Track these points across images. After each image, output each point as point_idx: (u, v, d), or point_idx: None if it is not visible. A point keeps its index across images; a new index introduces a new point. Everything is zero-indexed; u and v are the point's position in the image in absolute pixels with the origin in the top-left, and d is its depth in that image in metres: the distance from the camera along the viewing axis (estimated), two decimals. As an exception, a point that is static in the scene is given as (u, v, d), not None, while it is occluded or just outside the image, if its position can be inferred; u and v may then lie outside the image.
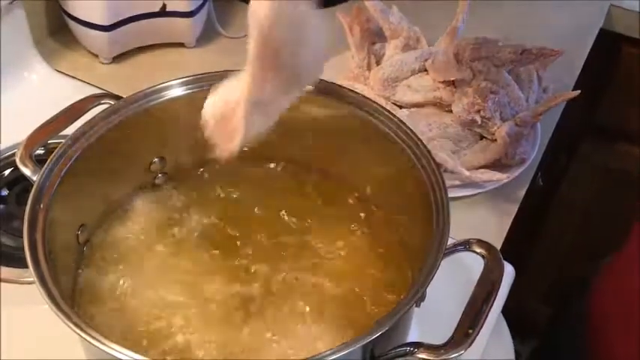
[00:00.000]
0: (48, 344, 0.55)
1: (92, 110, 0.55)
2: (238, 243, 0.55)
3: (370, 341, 0.40)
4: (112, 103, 0.55)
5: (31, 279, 0.44)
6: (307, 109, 0.56)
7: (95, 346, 0.40)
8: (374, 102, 0.55)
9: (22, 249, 0.45)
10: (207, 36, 0.91)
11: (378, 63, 0.78)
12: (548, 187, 0.96)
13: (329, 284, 0.52)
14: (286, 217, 0.57)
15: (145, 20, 0.84)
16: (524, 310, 1.21)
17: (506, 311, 0.77)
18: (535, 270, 1.21)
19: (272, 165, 0.61)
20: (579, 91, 0.74)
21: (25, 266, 0.44)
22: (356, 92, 0.56)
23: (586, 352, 0.76)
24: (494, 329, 0.63)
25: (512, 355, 0.72)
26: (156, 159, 0.58)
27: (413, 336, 0.49)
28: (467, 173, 0.68)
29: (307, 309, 0.50)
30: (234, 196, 0.59)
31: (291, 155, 0.60)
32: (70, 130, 0.53)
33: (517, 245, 0.76)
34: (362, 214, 0.58)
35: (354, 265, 0.54)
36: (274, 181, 0.60)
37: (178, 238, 0.55)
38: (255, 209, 0.58)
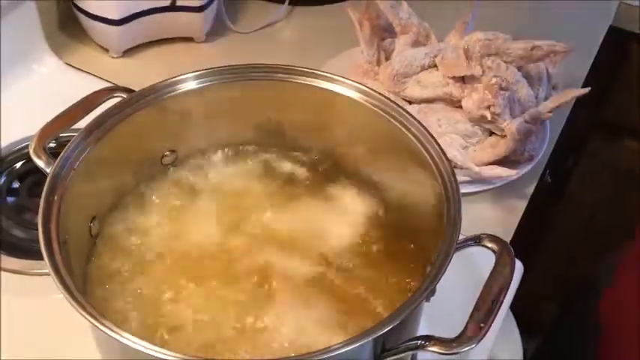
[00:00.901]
0: (58, 335, 0.56)
1: (105, 103, 0.55)
2: (249, 238, 0.55)
3: (381, 335, 0.41)
4: (125, 96, 0.55)
5: (43, 270, 0.44)
6: (323, 100, 0.57)
7: (110, 337, 0.40)
8: (384, 96, 0.55)
9: (34, 241, 0.45)
10: (216, 31, 0.92)
11: (387, 58, 0.78)
12: (556, 184, 0.96)
13: (336, 275, 0.52)
14: (296, 208, 0.57)
15: (155, 15, 0.84)
16: (531, 306, 1.21)
17: (514, 307, 0.77)
18: (543, 267, 1.21)
19: (285, 155, 0.61)
20: (589, 89, 0.74)
21: (36, 258, 0.45)
22: (367, 86, 0.56)
23: (593, 352, 0.76)
24: (502, 325, 0.63)
25: (520, 351, 0.72)
26: (168, 152, 0.59)
27: (421, 330, 0.49)
28: (476, 169, 0.68)
29: (312, 300, 0.51)
30: (247, 187, 0.59)
31: (301, 146, 0.61)
32: (82, 123, 0.53)
33: (525, 242, 0.76)
34: (371, 208, 0.58)
35: (364, 258, 0.54)
36: (285, 171, 0.60)
37: (189, 231, 0.55)
38: (266, 199, 0.58)
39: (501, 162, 0.71)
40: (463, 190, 0.69)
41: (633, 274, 0.75)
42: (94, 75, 0.83)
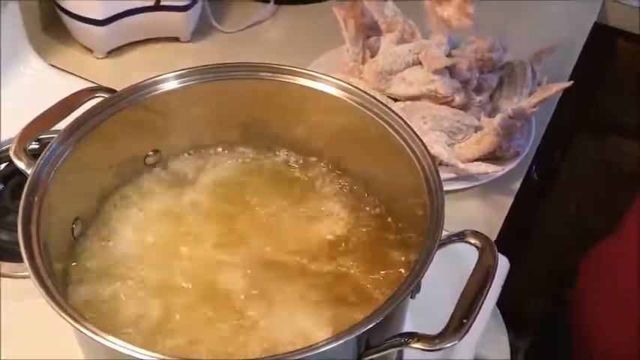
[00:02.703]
0: (45, 337, 0.55)
1: (86, 103, 0.55)
2: (235, 236, 0.55)
3: (365, 331, 0.41)
4: (106, 96, 0.54)
5: (27, 273, 0.44)
6: (306, 98, 0.57)
7: (90, 338, 0.40)
8: (368, 94, 0.55)
9: (18, 243, 0.45)
10: (201, 30, 0.91)
11: (372, 57, 0.78)
12: (543, 180, 0.96)
13: (320, 270, 0.52)
14: (282, 205, 0.57)
15: (140, 14, 0.84)
16: (521, 303, 1.21)
17: (501, 304, 0.77)
18: (531, 263, 1.21)
19: (270, 153, 0.61)
20: (572, 82, 0.75)
21: (21, 260, 0.44)
22: (351, 84, 0.56)
23: (572, 339, 0.77)
24: (489, 322, 0.63)
25: (507, 348, 0.73)
26: (151, 152, 0.58)
27: (407, 327, 0.49)
28: (462, 165, 0.69)
29: (295, 294, 0.51)
30: (232, 186, 0.59)
31: (286, 144, 0.61)
32: (64, 124, 0.53)
33: (512, 239, 0.77)
34: (357, 205, 0.58)
35: (350, 253, 0.54)
36: (270, 170, 0.60)
37: (173, 231, 0.55)
38: (251, 197, 0.58)
39: (487, 158, 0.72)
40: (449, 186, 0.69)
41: (607, 260, 0.76)
42: (79, 76, 0.83)
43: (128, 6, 0.83)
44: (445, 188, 0.49)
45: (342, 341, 0.40)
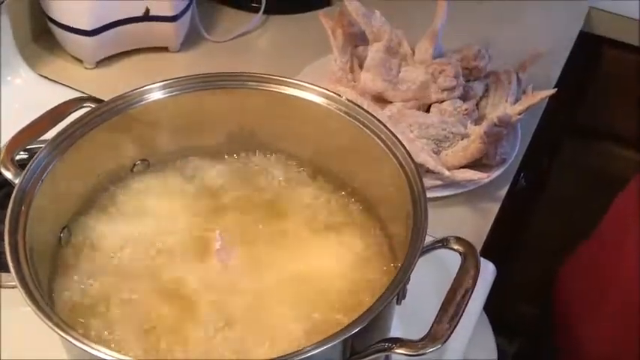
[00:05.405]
0: (32, 347, 0.55)
1: (74, 113, 0.55)
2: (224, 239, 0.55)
3: (349, 336, 0.41)
4: (94, 106, 0.55)
5: (14, 283, 0.44)
6: (293, 108, 0.57)
7: (76, 347, 0.40)
8: (354, 104, 0.56)
9: (5, 253, 0.45)
10: (191, 40, 0.92)
11: (360, 66, 0.79)
12: (531, 187, 0.97)
13: (306, 275, 0.53)
14: (269, 212, 0.58)
15: (129, 25, 0.84)
16: (511, 309, 1.22)
17: (492, 311, 0.78)
18: (520, 270, 1.22)
19: (256, 162, 0.61)
20: (556, 89, 0.76)
21: (8, 270, 0.44)
22: (337, 94, 0.57)
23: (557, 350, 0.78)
24: (476, 327, 0.64)
25: (495, 353, 0.73)
26: (139, 161, 0.59)
27: (395, 333, 0.50)
28: (447, 173, 0.69)
29: (283, 297, 0.51)
30: (221, 193, 0.59)
31: (273, 152, 0.61)
32: (52, 134, 0.53)
33: (500, 245, 0.77)
34: (342, 211, 0.58)
35: (333, 261, 0.54)
36: (258, 177, 0.61)
37: (161, 238, 0.55)
38: (240, 205, 0.58)
39: (473, 166, 0.72)
40: (436, 193, 0.70)
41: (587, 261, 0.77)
42: (69, 86, 0.83)
43: (117, 16, 0.83)
44: (432, 195, 0.50)
45: (326, 346, 0.40)
